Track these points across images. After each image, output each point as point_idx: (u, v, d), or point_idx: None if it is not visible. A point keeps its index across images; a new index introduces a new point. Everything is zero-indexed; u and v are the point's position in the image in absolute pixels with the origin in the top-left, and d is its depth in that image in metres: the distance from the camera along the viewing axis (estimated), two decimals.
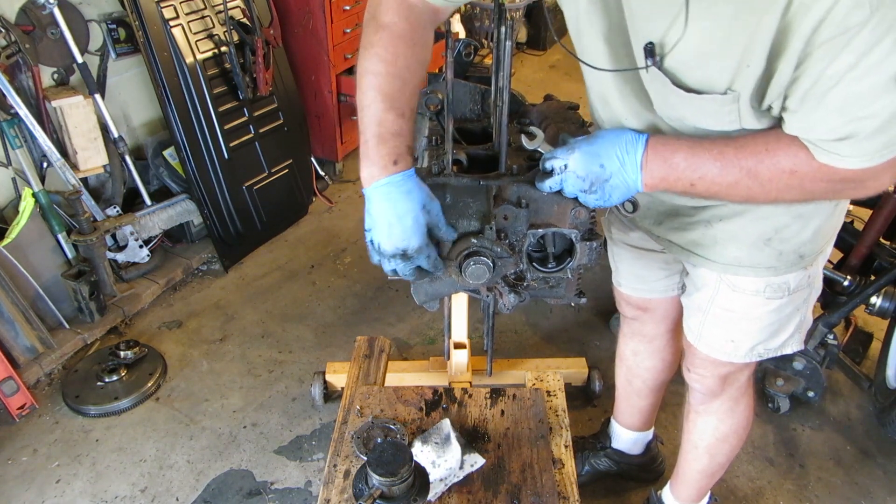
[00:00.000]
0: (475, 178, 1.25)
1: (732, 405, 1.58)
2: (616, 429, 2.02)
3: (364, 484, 1.30)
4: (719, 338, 1.41)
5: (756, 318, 1.35)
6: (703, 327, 1.43)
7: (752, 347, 1.40)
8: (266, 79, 2.93)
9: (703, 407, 1.61)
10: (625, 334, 1.85)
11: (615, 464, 2.04)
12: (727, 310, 1.36)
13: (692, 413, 1.65)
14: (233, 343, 2.64)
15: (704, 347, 1.45)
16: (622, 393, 1.95)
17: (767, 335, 1.38)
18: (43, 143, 2.44)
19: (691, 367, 1.55)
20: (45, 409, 2.34)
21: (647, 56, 0.97)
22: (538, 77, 5.07)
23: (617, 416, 2.02)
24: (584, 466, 2.05)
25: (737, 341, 1.40)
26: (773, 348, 1.41)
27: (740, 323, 1.37)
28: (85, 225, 2.52)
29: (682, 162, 1.03)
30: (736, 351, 1.41)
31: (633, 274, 1.64)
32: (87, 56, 2.59)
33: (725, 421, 1.60)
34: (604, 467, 2.05)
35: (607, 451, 2.05)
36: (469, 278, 1.19)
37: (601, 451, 2.05)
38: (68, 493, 2.07)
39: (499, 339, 2.62)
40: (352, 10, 3.26)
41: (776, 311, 1.34)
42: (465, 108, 1.58)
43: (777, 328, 1.37)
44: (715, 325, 1.40)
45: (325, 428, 2.27)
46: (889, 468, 2.16)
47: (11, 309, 2.31)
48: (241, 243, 3.10)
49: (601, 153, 1.07)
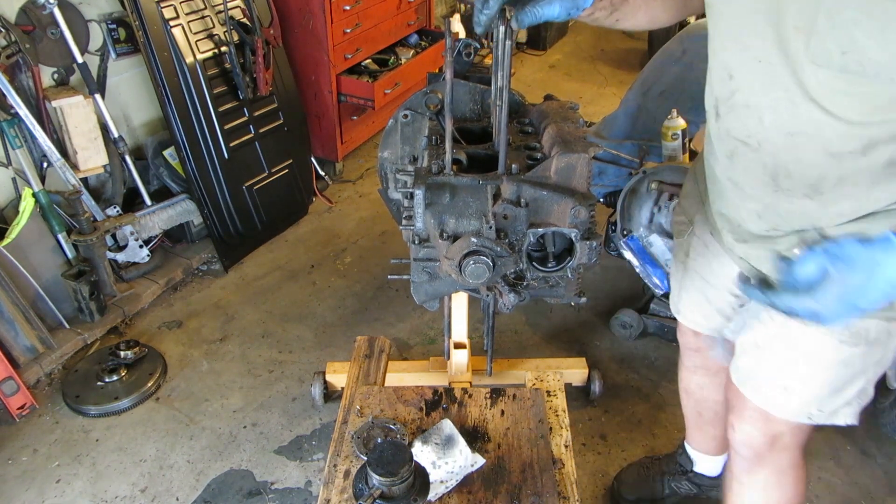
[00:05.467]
0: (475, 177, 1.25)
1: (779, 476, 1.42)
2: (694, 454, 1.93)
3: (364, 484, 1.30)
4: (771, 382, 1.27)
5: (819, 365, 1.21)
6: (755, 367, 1.30)
7: (805, 402, 1.26)
8: (266, 79, 2.93)
9: (747, 477, 1.45)
10: (687, 367, 1.73)
11: (697, 487, 1.96)
12: (789, 348, 1.22)
13: (735, 483, 1.49)
14: (233, 343, 2.64)
15: (751, 392, 1.31)
16: (694, 422, 1.85)
17: (826, 392, 1.23)
18: (43, 143, 2.44)
19: (737, 423, 1.39)
20: (45, 409, 2.34)
21: None
22: (538, 77, 5.07)
23: (692, 443, 1.92)
24: (665, 490, 1.98)
25: (790, 389, 1.25)
26: (826, 411, 1.26)
27: (800, 367, 1.22)
28: (85, 225, 2.52)
29: None
30: (787, 402, 1.27)
31: (699, 309, 1.51)
32: (87, 56, 2.59)
33: (772, 494, 1.44)
34: (685, 491, 1.97)
35: (689, 475, 1.95)
36: (469, 277, 1.19)
37: (683, 475, 1.96)
38: (68, 492, 2.07)
39: (499, 338, 2.62)
40: (352, 10, 3.26)
41: (844, 363, 1.19)
42: (465, 107, 1.58)
43: (838, 386, 1.22)
44: (770, 366, 1.26)
45: (326, 428, 2.27)
46: (889, 468, 2.16)
47: (11, 309, 2.31)
48: (241, 243, 3.10)
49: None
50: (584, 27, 5.84)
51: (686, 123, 2.27)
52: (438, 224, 1.24)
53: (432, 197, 1.24)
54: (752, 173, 1.14)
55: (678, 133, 2.25)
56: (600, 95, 4.77)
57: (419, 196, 1.21)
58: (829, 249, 0.85)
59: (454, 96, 1.29)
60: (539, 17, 1.04)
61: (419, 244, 1.30)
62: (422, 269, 1.37)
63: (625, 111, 2.67)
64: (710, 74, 1.19)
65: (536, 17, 1.04)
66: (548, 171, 1.27)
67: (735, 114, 1.13)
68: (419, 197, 1.21)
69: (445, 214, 1.24)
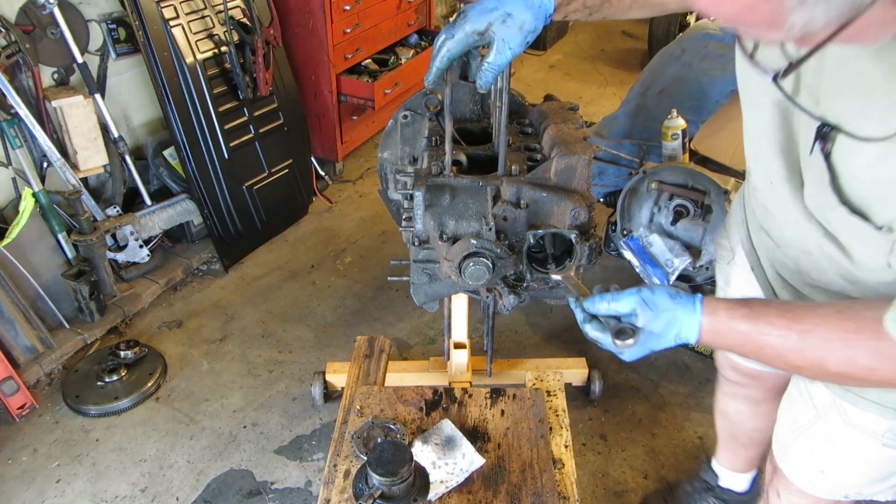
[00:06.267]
0: (475, 178, 1.25)
1: None
2: (722, 471, 1.90)
3: (364, 484, 1.30)
4: (808, 463, 1.21)
5: (860, 462, 1.13)
6: (792, 443, 1.22)
7: (843, 487, 1.20)
8: (266, 79, 2.93)
9: None
10: (726, 393, 1.67)
11: (723, 502, 1.91)
12: (829, 440, 1.13)
13: None
14: (233, 343, 2.65)
15: (787, 466, 1.25)
16: (726, 443, 1.81)
17: (865, 481, 1.17)
18: (43, 142, 2.44)
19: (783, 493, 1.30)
20: (45, 409, 2.34)
21: (817, 137, 0.83)
22: (538, 77, 5.07)
23: (720, 461, 1.89)
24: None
25: (828, 474, 1.19)
26: (866, 494, 1.19)
27: (839, 460, 1.15)
28: (85, 225, 2.52)
29: (741, 335, 0.89)
30: (823, 485, 1.20)
31: None
32: (87, 56, 2.59)
33: None
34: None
35: (714, 490, 1.92)
36: (468, 279, 1.19)
37: (709, 491, 1.93)
38: (68, 492, 2.07)
39: (499, 338, 2.62)
40: (352, 10, 3.26)
41: (888, 461, 1.11)
42: (465, 108, 1.59)
43: (879, 478, 1.15)
44: (808, 448, 1.19)
45: (326, 428, 2.28)
46: None
47: (11, 309, 2.31)
48: (241, 243, 3.10)
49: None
50: (585, 27, 5.84)
51: (686, 123, 2.27)
52: (438, 225, 1.24)
53: (432, 198, 1.24)
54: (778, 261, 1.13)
55: (678, 133, 2.25)
56: (600, 95, 4.77)
57: (419, 197, 1.21)
58: (643, 294, 0.92)
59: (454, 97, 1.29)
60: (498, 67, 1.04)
61: (419, 245, 1.30)
62: (422, 271, 1.37)
63: (625, 111, 2.68)
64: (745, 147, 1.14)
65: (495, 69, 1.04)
66: (548, 173, 1.27)
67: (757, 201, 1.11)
68: (419, 198, 1.22)
69: (445, 216, 1.24)
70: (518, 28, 1.01)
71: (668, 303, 0.91)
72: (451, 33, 1.03)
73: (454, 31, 1.03)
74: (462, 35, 1.02)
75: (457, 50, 1.04)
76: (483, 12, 1.01)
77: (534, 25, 1.03)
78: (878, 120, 0.75)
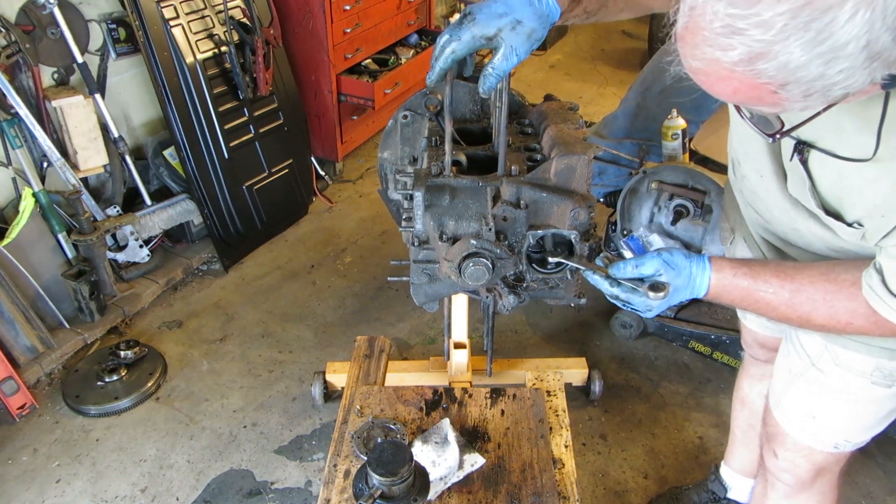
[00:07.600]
0: (474, 179, 1.25)
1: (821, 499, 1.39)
2: (731, 477, 1.87)
3: (364, 484, 1.30)
4: (800, 410, 1.27)
5: (850, 403, 1.21)
6: (787, 391, 1.29)
7: (833, 433, 1.26)
8: (266, 79, 2.93)
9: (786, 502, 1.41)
10: (751, 375, 1.69)
11: None
12: (821, 384, 1.22)
13: None
14: (233, 343, 2.65)
15: (781, 415, 1.31)
16: (741, 438, 1.79)
17: (855, 428, 1.25)
18: (43, 142, 2.44)
19: (779, 450, 1.35)
20: (45, 409, 2.34)
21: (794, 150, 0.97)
22: (538, 77, 5.07)
23: (732, 463, 1.86)
24: None
25: (819, 420, 1.26)
26: (853, 442, 1.27)
27: (831, 402, 1.23)
28: (85, 225, 2.52)
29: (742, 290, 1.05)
30: (816, 433, 1.27)
31: None
32: (87, 56, 2.59)
33: None
34: None
35: (721, 502, 1.90)
36: (468, 279, 1.19)
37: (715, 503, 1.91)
38: (68, 492, 2.07)
39: (499, 338, 2.63)
40: (352, 10, 3.26)
41: (875, 402, 1.20)
42: (465, 108, 1.58)
43: (868, 424, 1.24)
44: (802, 394, 1.26)
45: (326, 428, 2.28)
46: (889, 468, 2.16)
47: (11, 309, 2.31)
48: (241, 243, 3.10)
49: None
50: (585, 27, 5.83)
51: (686, 123, 2.27)
52: (438, 226, 1.24)
53: (432, 199, 1.24)
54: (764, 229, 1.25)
55: (678, 133, 2.26)
56: (600, 95, 4.77)
57: (419, 198, 1.21)
58: (663, 256, 1.06)
59: (454, 97, 1.29)
60: (503, 73, 1.05)
61: (419, 246, 1.30)
62: (421, 271, 1.37)
63: (624, 111, 2.67)
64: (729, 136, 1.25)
65: (500, 74, 1.05)
66: (547, 173, 1.27)
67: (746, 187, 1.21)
68: (419, 199, 1.22)
69: (445, 216, 1.24)
70: (527, 36, 1.01)
71: (685, 262, 1.05)
72: (458, 35, 1.02)
73: (460, 33, 1.02)
74: (469, 37, 1.02)
75: (462, 52, 1.04)
76: (492, 17, 1.01)
77: (541, 34, 1.03)
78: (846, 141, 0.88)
